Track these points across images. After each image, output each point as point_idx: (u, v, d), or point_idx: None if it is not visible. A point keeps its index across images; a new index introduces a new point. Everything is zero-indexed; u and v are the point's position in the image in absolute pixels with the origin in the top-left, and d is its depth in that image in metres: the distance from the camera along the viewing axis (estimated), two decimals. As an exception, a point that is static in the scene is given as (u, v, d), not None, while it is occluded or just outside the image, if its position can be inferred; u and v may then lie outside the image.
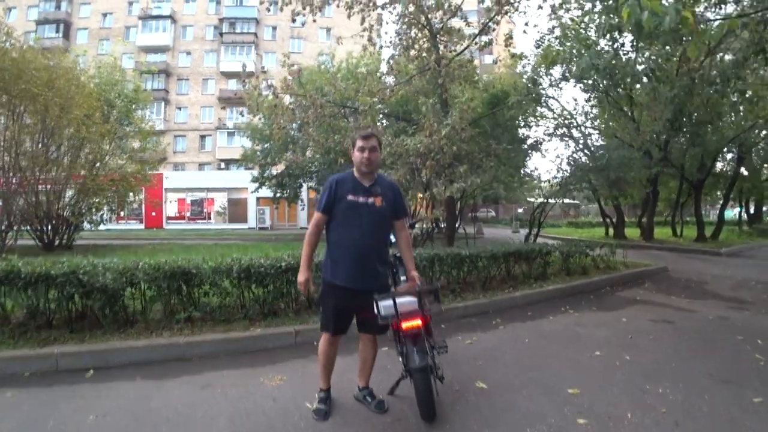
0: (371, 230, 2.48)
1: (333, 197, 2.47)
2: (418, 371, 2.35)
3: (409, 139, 6.22)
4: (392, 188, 2.69)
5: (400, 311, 2.31)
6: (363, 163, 2.49)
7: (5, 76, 9.47)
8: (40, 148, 11.44)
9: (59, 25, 36.25)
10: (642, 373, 3.18)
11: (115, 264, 3.96)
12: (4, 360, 3.32)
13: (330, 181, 2.56)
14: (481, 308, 5.07)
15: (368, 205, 2.48)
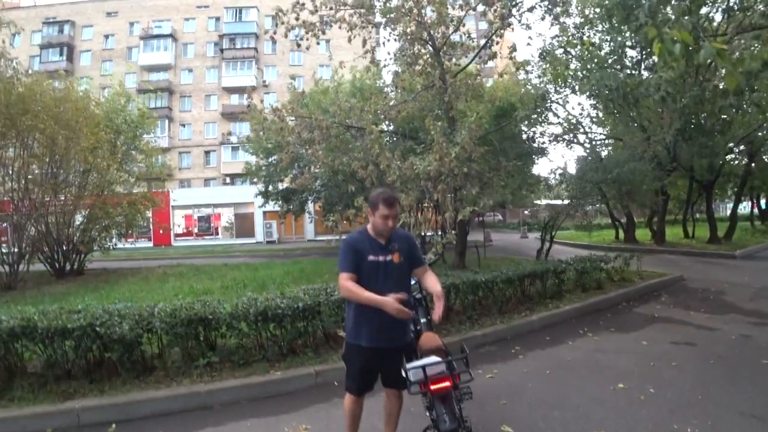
0: (393, 287, 2.43)
1: (356, 257, 2.43)
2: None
3: (419, 162, 6.19)
4: (407, 240, 2.67)
5: (429, 375, 2.29)
6: (386, 230, 2.47)
7: (12, 112, 9.66)
8: (48, 176, 11.61)
9: (62, 48, 36.99)
10: (668, 409, 3.13)
11: (130, 311, 3.97)
12: (26, 417, 3.33)
13: (346, 242, 2.52)
14: (499, 335, 5.03)
15: (387, 263, 2.46)
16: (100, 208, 12.60)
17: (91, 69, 37.28)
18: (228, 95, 37.31)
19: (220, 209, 32.28)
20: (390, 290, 2.40)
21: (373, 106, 8.39)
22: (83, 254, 13.09)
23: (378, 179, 7.47)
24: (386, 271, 2.45)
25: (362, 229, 2.62)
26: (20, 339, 3.65)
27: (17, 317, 3.72)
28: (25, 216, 11.02)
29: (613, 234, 18.39)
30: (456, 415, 2.32)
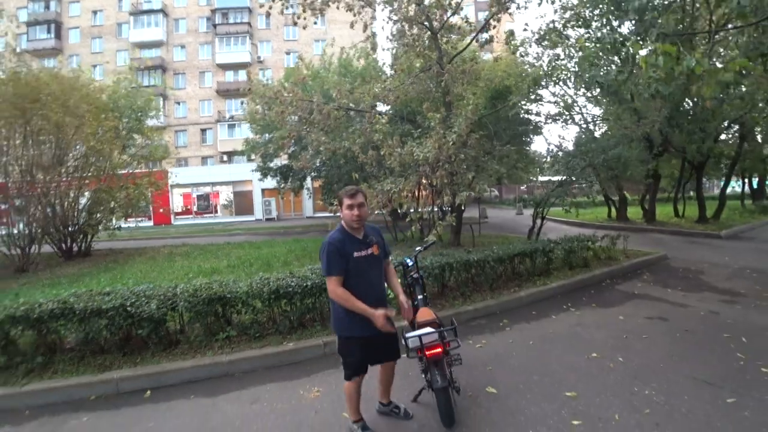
0: (378, 277, 2.82)
1: (342, 259, 2.62)
2: (440, 390, 2.79)
3: (418, 148, 6.51)
4: (378, 233, 2.93)
5: (424, 343, 2.73)
6: (354, 220, 2.68)
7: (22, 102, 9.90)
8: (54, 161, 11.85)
9: (50, 25, 36.13)
10: (632, 375, 3.60)
11: (155, 291, 4.40)
12: (71, 387, 3.79)
13: (330, 245, 2.64)
14: (489, 310, 5.50)
15: (369, 256, 2.73)
16: (105, 191, 12.90)
17: (80, 46, 36.64)
18: (222, 72, 36.86)
19: (218, 187, 32.48)
20: (375, 282, 2.78)
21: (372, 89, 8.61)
22: (90, 236, 13.46)
23: (378, 163, 7.79)
24: (371, 264, 2.74)
25: (339, 228, 2.78)
26: (59, 319, 4.07)
27: (55, 300, 4.14)
28: (29, 198, 11.32)
29: (605, 212, 18.81)
30: (447, 377, 2.79)
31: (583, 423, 2.93)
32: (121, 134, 13.89)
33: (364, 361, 2.82)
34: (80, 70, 13.66)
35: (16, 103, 10.11)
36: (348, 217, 2.70)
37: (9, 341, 4.14)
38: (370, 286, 2.71)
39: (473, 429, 2.93)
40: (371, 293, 2.69)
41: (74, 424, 3.36)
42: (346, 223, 2.75)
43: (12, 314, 3.98)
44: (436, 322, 2.94)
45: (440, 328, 2.87)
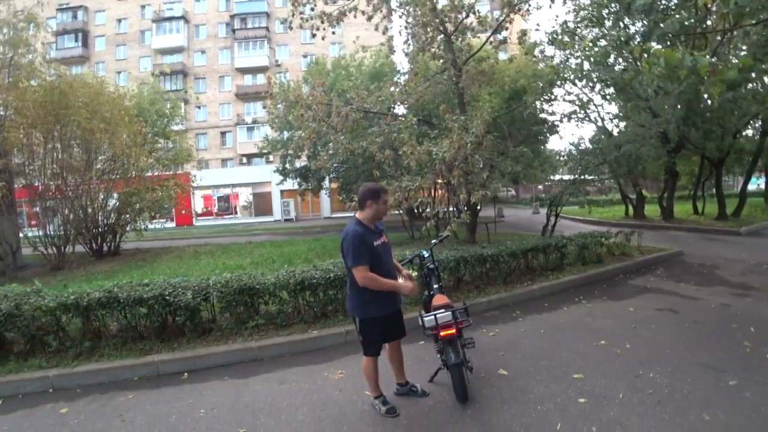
0: (390, 262, 3.17)
1: (366, 249, 2.90)
2: (454, 366, 3.06)
3: (435, 148, 6.76)
4: (381, 223, 3.26)
5: (439, 322, 3.01)
6: (383, 214, 3.10)
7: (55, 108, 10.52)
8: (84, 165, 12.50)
9: (77, 34, 37.70)
10: (638, 361, 3.78)
11: (189, 283, 4.77)
12: (116, 368, 4.18)
13: (355, 237, 2.88)
14: (502, 302, 5.73)
15: (383, 244, 3.08)
16: (134, 193, 13.52)
17: (105, 54, 38.06)
18: (241, 76, 37.77)
19: (238, 189, 33.32)
20: (390, 265, 3.15)
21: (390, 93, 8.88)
22: (119, 236, 14.11)
23: (395, 162, 8.06)
24: (384, 251, 3.08)
25: (356, 221, 3.01)
26: (105, 307, 4.47)
27: (101, 290, 4.54)
28: (62, 201, 11.98)
29: (623, 210, 18.67)
30: (460, 355, 3.05)
31: (588, 401, 3.14)
32: (147, 138, 14.50)
33: (384, 338, 3.13)
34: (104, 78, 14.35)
35: (51, 110, 10.76)
36: (383, 210, 3.07)
37: (60, 327, 4.56)
38: (387, 270, 3.04)
39: (485, 405, 3.17)
40: (389, 276, 3.02)
41: (121, 400, 3.73)
42: (373, 216, 3.05)
43: (63, 302, 4.39)
44: (450, 305, 3.20)
45: (453, 309, 3.14)
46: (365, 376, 3.21)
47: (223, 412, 3.34)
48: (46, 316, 4.46)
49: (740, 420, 2.82)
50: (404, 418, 3.07)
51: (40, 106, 10.68)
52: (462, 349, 3.18)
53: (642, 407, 3.03)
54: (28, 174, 12.18)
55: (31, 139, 11.58)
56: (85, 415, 3.51)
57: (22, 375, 4.11)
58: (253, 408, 3.33)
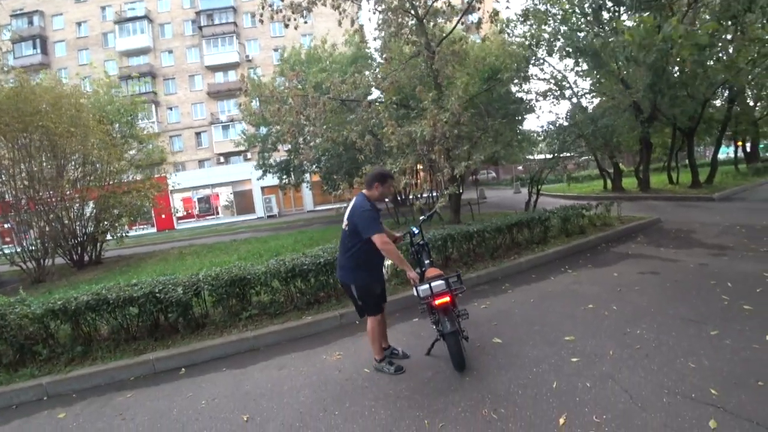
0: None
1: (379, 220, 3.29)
2: (450, 335, 3.14)
3: (415, 129, 6.79)
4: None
5: (434, 291, 3.07)
6: (386, 196, 3.51)
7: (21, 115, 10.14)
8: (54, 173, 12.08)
9: (35, 40, 36.21)
10: (625, 320, 3.93)
11: (179, 279, 4.72)
12: (112, 370, 4.12)
13: (369, 211, 3.20)
14: (491, 276, 5.85)
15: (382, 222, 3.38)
16: (110, 198, 13.15)
17: (67, 59, 36.64)
18: (212, 74, 36.93)
19: (218, 189, 32.76)
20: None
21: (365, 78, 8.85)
22: (100, 244, 13.76)
23: (375, 147, 8.07)
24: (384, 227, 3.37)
25: (364, 197, 3.32)
26: (94, 310, 4.39)
27: (89, 293, 4.45)
28: (34, 214, 11.57)
29: (601, 184, 19.12)
30: (455, 323, 3.12)
31: (580, 360, 3.26)
32: (116, 139, 14.09)
33: (379, 300, 3.44)
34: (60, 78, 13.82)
35: (16, 117, 10.32)
36: (386, 193, 3.44)
37: (49, 334, 4.47)
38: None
39: (483, 372, 3.26)
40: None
41: (120, 400, 3.69)
42: (381, 195, 3.39)
43: (51, 308, 4.30)
44: (443, 275, 3.26)
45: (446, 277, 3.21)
46: (371, 340, 3.44)
47: (224, 401, 3.35)
48: (33, 324, 4.36)
49: (722, 364, 2.98)
50: (405, 390, 3.14)
51: (4, 113, 10.25)
52: (457, 319, 3.26)
53: (631, 361, 3.16)
54: (-5, 189, 11.73)
55: (-3, 152, 11.13)
56: (84, 417, 3.48)
57: (13, 385, 4.02)
58: (254, 394, 3.35)
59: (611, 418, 2.52)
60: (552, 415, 2.61)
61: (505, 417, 2.65)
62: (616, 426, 2.44)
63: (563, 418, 2.56)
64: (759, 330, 3.42)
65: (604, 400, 2.71)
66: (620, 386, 2.84)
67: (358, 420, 2.84)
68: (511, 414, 2.67)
